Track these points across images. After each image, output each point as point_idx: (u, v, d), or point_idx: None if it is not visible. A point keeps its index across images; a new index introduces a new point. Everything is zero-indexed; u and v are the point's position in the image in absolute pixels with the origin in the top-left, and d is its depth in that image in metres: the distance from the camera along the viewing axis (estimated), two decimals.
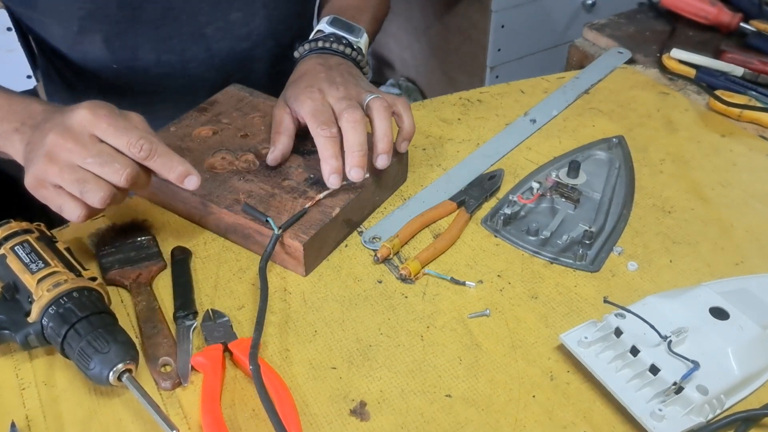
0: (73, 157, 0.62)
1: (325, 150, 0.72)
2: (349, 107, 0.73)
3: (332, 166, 0.71)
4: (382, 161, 0.74)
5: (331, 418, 0.58)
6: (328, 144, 0.72)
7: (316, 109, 0.74)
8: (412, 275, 0.70)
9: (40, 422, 0.58)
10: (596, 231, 0.75)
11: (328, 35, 0.85)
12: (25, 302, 0.61)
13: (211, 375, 0.60)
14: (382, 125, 0.74)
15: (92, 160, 0.62)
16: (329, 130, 0.72)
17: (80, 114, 0.63)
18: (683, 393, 0.56)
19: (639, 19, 1.18)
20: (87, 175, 0.62)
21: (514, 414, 0.59)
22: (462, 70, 1.98)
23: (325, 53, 0.84)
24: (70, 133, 0.62)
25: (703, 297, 0.64)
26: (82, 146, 0.62)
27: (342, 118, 0.72)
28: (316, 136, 0.72)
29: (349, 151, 0.72)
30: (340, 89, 0.76)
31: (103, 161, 0.62)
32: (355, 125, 0.72)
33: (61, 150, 0.62)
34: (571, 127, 0.93)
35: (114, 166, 0.62)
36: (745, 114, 0.93)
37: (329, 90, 0.76)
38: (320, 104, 0.74)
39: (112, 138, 0.63)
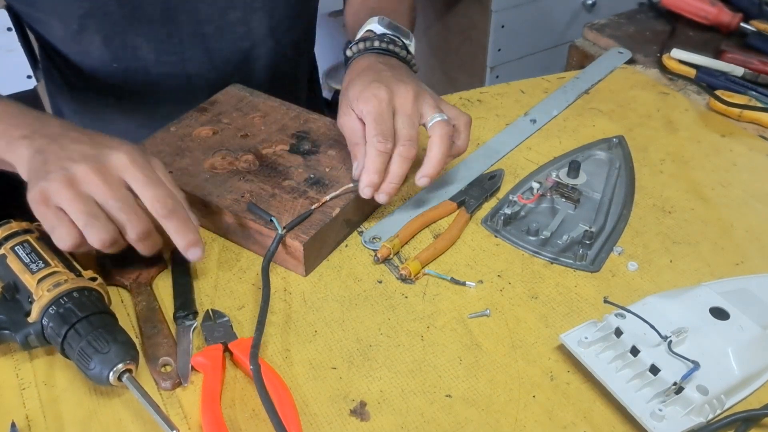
0: (96, 191, 0.61)
1: (372, 162, 0.70)
2: (408, 140, 0.71)
3: (372, 181, 0.71)
4: (423, 182, 0.73)
5: (331, 418, 0.58)
6: (379, 158, 0.70)
7: (380, 113, 0.71)
8: (412, 275, 0.70)
9: (40, 422, 0.58)
10: (596, 231, 0.75)
11: (381, 35, 0.83)
12: (25, 302, 0.61)
13: (211, 375, 0.60)
14: (438, 152, 0.72)
15: (114, 204, 0.61)
16: (385, 144, 0.70)
17: (118, 156, 0.62)
18: (683, 393, 0.56)
19: (639, 19, 1.18)
20: (99, 212, 0.61)
21: (514, 414, 0.59)
22: (462, 70, 1.98)
23: (381, 53, 0.82)
24: (102, 170, 0.61)
25: (703, 297, 0.64)
26: (109, 186, 0.61)
27: (397, 147, 0.71)
28: (370, 144, 0.70)
29: (388, 179, 0.71)
30: (410, 94, 0.73)
31: (124, 208, 0.61)
32: (404, 161, 0.71)
33: (87, 181, 0.61)
34: (572, 127, 0.93)
35: (132, 216, 0.62)
36: (745, 114, 0.93)
37: (398, 91, 0.73)
38: (385, 107, 0.71)
39: (141, 188, 0.62)
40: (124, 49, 0.91)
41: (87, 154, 0.62)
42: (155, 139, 0.80)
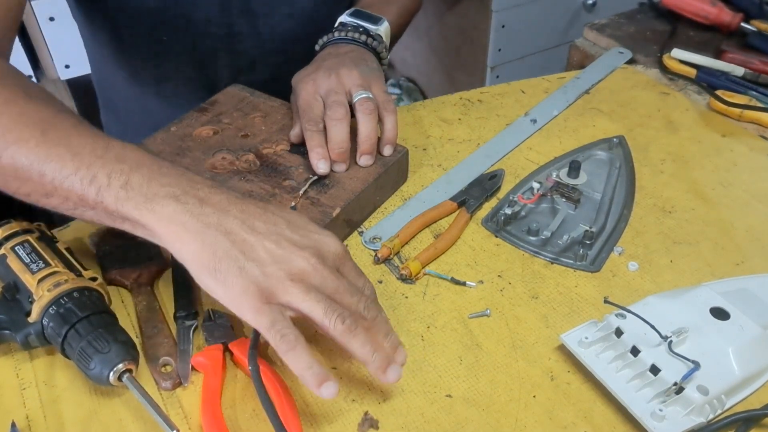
0: (325, 285, 0.56)
1: (310, 140, 0.76)
2: (334, 104, 0.77)
3: (318, 153, 0.75)
4: (365, 161, 0.78)
5: (332, 418, 0.58)
6: (314, 136, 0.76)
7: (307, 103, 0.78)
8: (413, 275, 0.70)
9: (40, 422, 0.58)
10: (597, 231, 0.75)
11: (346, 25, 0.88)
12: (25, 302, 0.61)
13: (211, 375, 0.60)
14: (365, 127, 0.77)
15: (344, 290, 0.57)
16: (316, 125, 0.76)
17: (335, 245, 0.58)
18: (684, 393, 0.56)
19: (639, 19, 1.18)
20: (336, 304, 0.56)
21: (515, 414, 0.59)
22: (462, 70, 1.98)
23: (339, 43, 0.86)
24: (325, 262, 0.57)
25: (704, 297, 0.64)
26: (337, 277, 0.57)
27: (326, 117, 0.77)
28: (304, 130, 0.77)
29: (330, 146, 0.76)
30: (332, 78, 0.79)
31: (353, 294, 0.57)
32: (337, 123, 0.76)
33: (315, 274, 0.55)
34: (572, 127, 0.93)
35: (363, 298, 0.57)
36: (746, 114, 0.93)
37: (321, 79, 0.79)
38: (312, 97, 0.78)
39: (355, 279, 0.59)
40: (175, 20, 0.91)
41: (300, 244, 0.57)
42: (155, 139, 0.80)
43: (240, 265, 0.54)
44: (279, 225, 0.57)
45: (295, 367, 0.54)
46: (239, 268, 0.54)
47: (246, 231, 0.55)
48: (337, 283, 0.57)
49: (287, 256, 0.55)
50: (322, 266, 0.56)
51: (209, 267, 0.54)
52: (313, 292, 0.55)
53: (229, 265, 0.53)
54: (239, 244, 0.55)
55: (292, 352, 0.54)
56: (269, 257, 0.55)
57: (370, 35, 0.87)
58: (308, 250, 0.56)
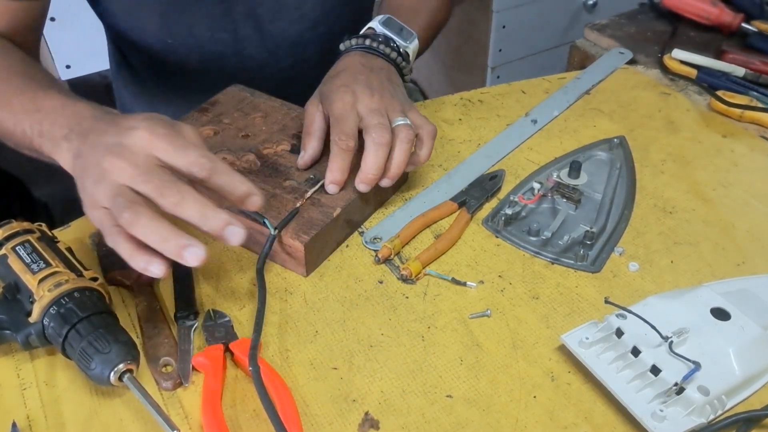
0: (124, 177, 0.58)
1: (335, 160, 0.73)
2: (379, 126, 0.72)
3: (336, 178, 0.73)
4: (385, 183, 0.74)
5: (332, 418, 0.58)
6: (341, 155, 0.72)
7: (343, 114, 0.74)
8: (413, 275, 0.70)
9: (41, 422, 0.58)
10: (597, 231, 0.75)
11: (377, 35, 0.84)
12: (26, 302, 0.61)
13: (211, 375, 0.60)
14: (399, 156, 0.73)
15: (141, 181, 0.58)
16: (347, 142, 0.72)
17: (137, 134, 0.60)
18: (684, 394, 0.56)
19: (640, 20, 1.18)
20: (133, 196, 0.57)
21: (515, 414, 0.59)
22: (463, 71, 1.98)
23: (370, 53, 0.83)
24: (125, 153, 0.59)
25: (705, 297, 0.64)
26: (134, 165, 0.58)
27: (369, 135, 0.72)
28: (333, 143, 0.73)
29: (365, 168, 0.72)
30: (375, 98, 0.75)
31: (153, 182, 0.58)
32: (379, 148, 0.72)
33: (115, 171, 0.58)
34: (572, 128, 0.93)
35: (162, 186, 0.58)
36: (747, 114, 0.93)
37: (362, 95, 0.75)
38: (349, 109, 0.74)
39: (171, 158, 0.59)
40: (178, 24, 0.91)
41: (110, 143, 0.60)
42: None
43: (84, 184, 0.60)
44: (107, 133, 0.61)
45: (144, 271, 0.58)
46: (82, 186, 0.61)
47: (88, 150, 0.61)
48: (132, 172, 0.58)
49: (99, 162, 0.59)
50: (118, 159, 0.58)
51: (81, 193, 0.61)
52: (110, 189, 0.58)
53: (81, 186, 0.61)
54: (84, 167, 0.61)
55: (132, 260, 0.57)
56: (92, 168, 0.60)
57: (399, 52, 0.84)
58: (112, 149, 0.59)
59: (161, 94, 1.03)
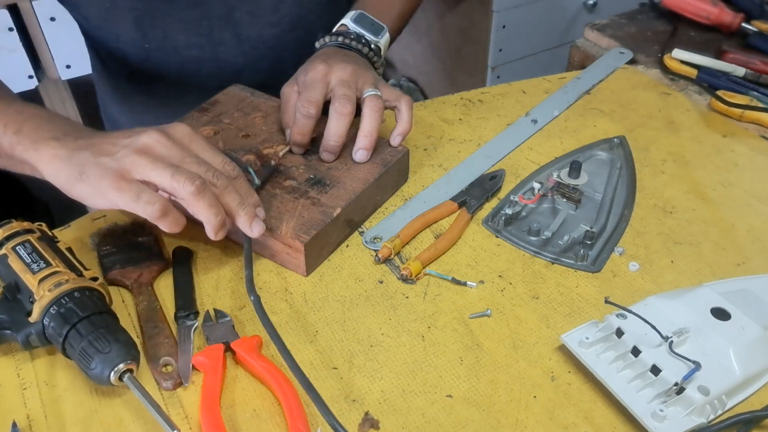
0: (171, 155, 0.62)
1: (296, 125, 0.77)
2: (342, 97, 0.76)
3: (297, 140, 0.77)
4: (359, 156, 0.77)
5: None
6: (303, 121, 0.76)
7: (312, 81, 0.77)
8: (413, 275, 0.70)
9: (41, 422, 0.58)
10: (597, 231, 0.75)
11: (350, 32, 0.88)
12: (26, 302, 0.61)
13: (211, 375, 0.60)
14: (368, 123, 0.77)
15: (190, 160, 0.63)
16: (308, 109, 0.76)
17: (180, 127, 0.65)
18: (684, 393, 0.56)
19: (640, 20, 1.18)
20: (181, 167, 0.62)
21: (515, 414, 0.59)
22: (463, 71, 1.98)
23: (342, 47, 0.86)
24: (169, 136, 0.63)
25: (705, 297, 0.64)
26: (181, 149, 0.63)
27: (332, 105, 0.76)
28: (297, 109, 0.77)
29: (326, 136, 0.76)
30: (348, 69, 0.78)
31: (202, 163, 0.63)
32: (340, 117, 0.76)
33: (158, 146, 0.62)
34: (573, 128, 0.93)
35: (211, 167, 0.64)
36: (747, 114, 0.93)
37: (337, 67, 0.78)
38: (320, 78, 0.77)
39: (208, 155, 0.65)
40: (154, 29, 0.91)
41: (151, 129, 0.64)
42: None
43: (96, 161, 0.61)
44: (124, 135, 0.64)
45: (173, 228, 0.63)
46: (95, 163, 0.61)
47: (106, 142, 0.63)
48: (183, 154, 0.63)
49: (133, 139, 0.62)
50: (165, 139, 0.63)
51: (76, 176, 0.62)
52: (159, 161, 0.61)
53: (89, 165, 0.61)
54: (98, 150, 0.62)
55: (164, 218, 0.61)
56: (119, 146, 0.62)
57: (370, 48, 0.87)
58: (152, 131, 0.63)
59: (142, 100, 1.03)
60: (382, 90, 0.80)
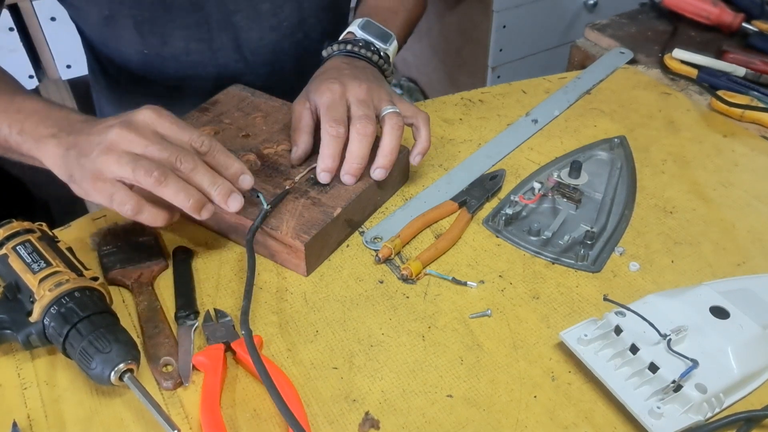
0: (134, 146, 0.63)
1: (327, 147, 0.74)
2: (364, 117, 0.74)
3: (327, 165, 0.74)
4: (378, 174, 0.75)
5: (333, 418, 0.58)
6: (332, 143, 0.74)
7: (333, 102, 0.75)
8: (414, 275, 0.70)
9: (41, 422, 0.58)
10: (598, 231, 0.75)
11: (358, 40, 0.86)
12: (26, 302, 0.61)
13: (211, 374, 0.60)
14: (389, 142, 0.75)
15: (154, 148, 0.63)
16: (337, 129, 0.74)
17: (144, 113, 0.65)
18: (682, 391, 0.56)
19: (641, 20, 1.18)
20: (143, 159, 0.62)
21: (516, 414, 0.59)
22: (463, 70, 1.98)
23: (352, 56, 0.85)
24: (133, 127, 0.63)
25: (704, 296, 0.64)
26: (144, 137, 0.63)
27: (353, 126, 0.74)
28: (324, 131, 0.74)
29: (349, 159, 0.74)
30: (363, 87, 0.77)
31: (165, 148, 0.63)
32: (363, 138, 0.74)
33: (122, 140, 0.63)
34: (573, 128, 0.93)
35: (174, 152, 0.63)
36: (747, 114, 0.93)
37: (351, 85, 0.77)
38: (338, 98, 0.76)
39: (175, 134, 0.65)
40: (153, 35, 0.91)
41: (112, 123, 0.64)
42: None
43: (79, 163, 0.64)
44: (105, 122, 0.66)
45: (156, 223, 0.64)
46: (78, 165, 0.64)
47: (84, 140, 0.65)
48: (145, 142, 0.63)
49: (102, 136, 0.63)
50: (127, 131, 0.63)
51: (69, 177, 0.65)
52: (123, 157, 0.62)
53: (75, 167, 0.64)
54: (80, 150, 0.64)
55: (140, 216, 0.63)
56: (93, 145, 0.63)
57: (380, 55, 0.86)
58: (116, 125, 0.64)
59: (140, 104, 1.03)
60: (399, 105, 0.78)
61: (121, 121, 0.64)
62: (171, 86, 0.98)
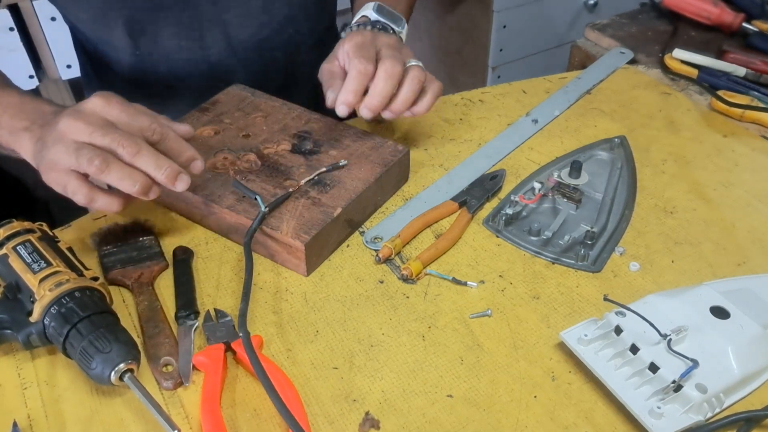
0: (79, 134, 0.63)
1: (351, 82, 0.75)
2: (393, 58, 0.76)
3: (348, 99, 0.75)
4: (386, 115, 0.77)
5: (333, 418, 0.58)
6: (357, 78, 0.75)
7: (363, 44, 0.77)
8: (414, 275, 0.70)
9: (41, 422, 0.58)
10: (598, 231, 0.75)
11: (374, 22, 0.87)
12: (27, 302, 0.61)
13: (212, 374, 0.60)
14: (407, 92, 0.77)
15: (97, 135, 0.63)
16: (365, 65, 0.75)
17: (92, 101, 0.66)
18: (682, 391, 0.56)
19: (641, 19, 1.18)
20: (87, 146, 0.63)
21: (516, 414, 0.59)
22: (464, 70, 1.98)
23: None
24: (80, 116, 0.64)
25: (704, 296, 0.64)
26: (88, 124, 0.64)
27: (381, 65, 0.76)
28: (352, 66, 0.76)
29: (372, 94, 0.75)
30: (392, 39, 0.80)
31: (108, 134, 0.63)
32: (389, 78, 0.75)
33: (70, 130, 0.64)
34: (573, 128, 0.93)
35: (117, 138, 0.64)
36: (748, 114, 0.93)
37: (380, 35, 0.80)
38: (368, 42, 0.78)
39: (125, 122, 0.66)
40: (144, 34, 0.91)
41: (65, 113, 0.65)
42: None
43: (41, 156, 0.65)
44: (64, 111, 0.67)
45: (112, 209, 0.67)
46: (41, 158, 0.66)
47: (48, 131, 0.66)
48: (90, 129, 0.64)
49: (52, 128, 0.65)
50: (75, 120, 0.64)
51: (38, 168, 0.67)
52: (71, 146, 0.63)
53: (40, 160, 0.66)
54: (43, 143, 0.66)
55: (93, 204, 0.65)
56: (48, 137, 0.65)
57: (398, 37, 0.87)
58: (65, 114, 0.65)
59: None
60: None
61: (71, 110, 0.65)
62: (164, 86, 0.98)
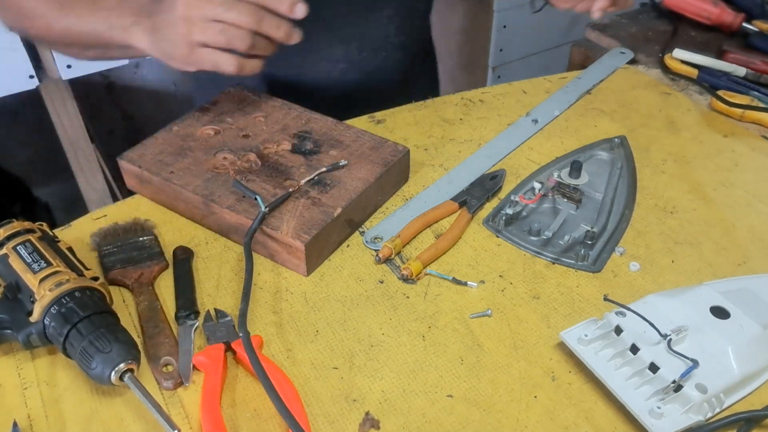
0: (206, 12, 0.70)
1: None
2: None
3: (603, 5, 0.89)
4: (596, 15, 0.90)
5: (333, 418, 0.58)
6: None
7: None
8: (414, 275, 0.70)
9: (41, 422, 0.58)
10: (598, 231, 0.75)
11: None
12: (27, 302, 0.61)
13: (212, 374, 0.60)
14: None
15: (221, 9, 0.70)
16: None
17: None
18: (682, 391, 0.56)
19: (641, 20, 1.18)
20: (222, 25, 0.70)
21: (516, 414, 0.59)
22: (464, 70, 1.98)
23: None
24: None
25: (704, 296, 0.64)
26: (209, 2, 0.70)
27: None
28: None
29: None
30: None
31: (230, 6, 0.70)
32: None
33: (194, 10, 0.70)
34: (573, 128, 0.93)
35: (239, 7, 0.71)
36: (748, 114, 0.93)
37: None
38: None
39: None
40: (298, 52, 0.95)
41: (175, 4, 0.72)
42: (157, 139, 0.81)
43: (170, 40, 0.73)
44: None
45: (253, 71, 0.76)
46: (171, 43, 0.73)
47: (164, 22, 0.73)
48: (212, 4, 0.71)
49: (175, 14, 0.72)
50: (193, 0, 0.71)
51: (166, 55, 0.75)
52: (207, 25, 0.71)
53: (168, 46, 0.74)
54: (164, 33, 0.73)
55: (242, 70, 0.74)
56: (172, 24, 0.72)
57: None
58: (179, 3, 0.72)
59: None
60: None
61: None
62: None
